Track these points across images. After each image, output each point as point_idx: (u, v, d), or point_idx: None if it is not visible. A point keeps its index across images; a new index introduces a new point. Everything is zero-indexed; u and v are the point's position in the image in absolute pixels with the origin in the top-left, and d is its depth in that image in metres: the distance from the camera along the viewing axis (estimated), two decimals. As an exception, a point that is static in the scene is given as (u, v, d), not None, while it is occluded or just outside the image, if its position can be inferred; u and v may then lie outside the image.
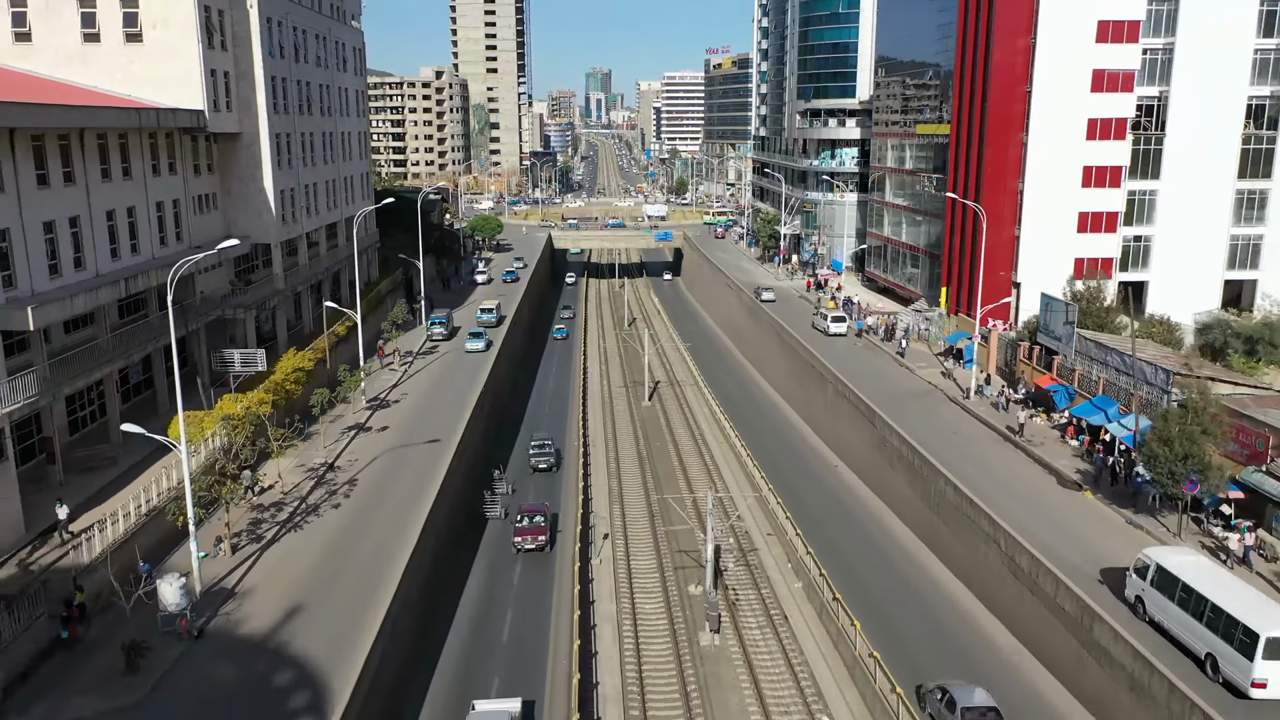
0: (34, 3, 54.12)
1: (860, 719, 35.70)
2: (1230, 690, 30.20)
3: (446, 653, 41.16)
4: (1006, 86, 74.66)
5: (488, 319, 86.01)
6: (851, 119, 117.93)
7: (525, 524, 51.19)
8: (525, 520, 51.49)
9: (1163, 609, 33.58)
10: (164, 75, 55.18)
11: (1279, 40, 72.74)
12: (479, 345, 77.10)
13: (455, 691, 37.86)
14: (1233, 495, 40.89)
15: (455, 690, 38.01)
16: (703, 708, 36.87)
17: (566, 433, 72.64)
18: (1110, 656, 33.68)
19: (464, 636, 42.66)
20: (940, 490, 48.42)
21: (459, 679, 38.98)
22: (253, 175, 63.19)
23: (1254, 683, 29.31)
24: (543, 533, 50.82)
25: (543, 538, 50.66)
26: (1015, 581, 40.19)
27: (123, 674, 31.17)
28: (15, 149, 40.45)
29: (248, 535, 41.93)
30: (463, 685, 38.27)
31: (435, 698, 37.76)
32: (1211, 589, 31.91)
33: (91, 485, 43.65)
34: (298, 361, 57.29)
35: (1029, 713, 34.99)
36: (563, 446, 67.83)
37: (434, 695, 37.93)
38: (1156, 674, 31.34)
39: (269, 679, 31.59)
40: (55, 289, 42.86)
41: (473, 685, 38.17)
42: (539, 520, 51.45)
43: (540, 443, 65.73)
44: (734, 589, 46.65)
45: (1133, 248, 76.60)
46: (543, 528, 51.03)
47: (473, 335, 78.43)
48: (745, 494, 59.39)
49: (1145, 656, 32.01)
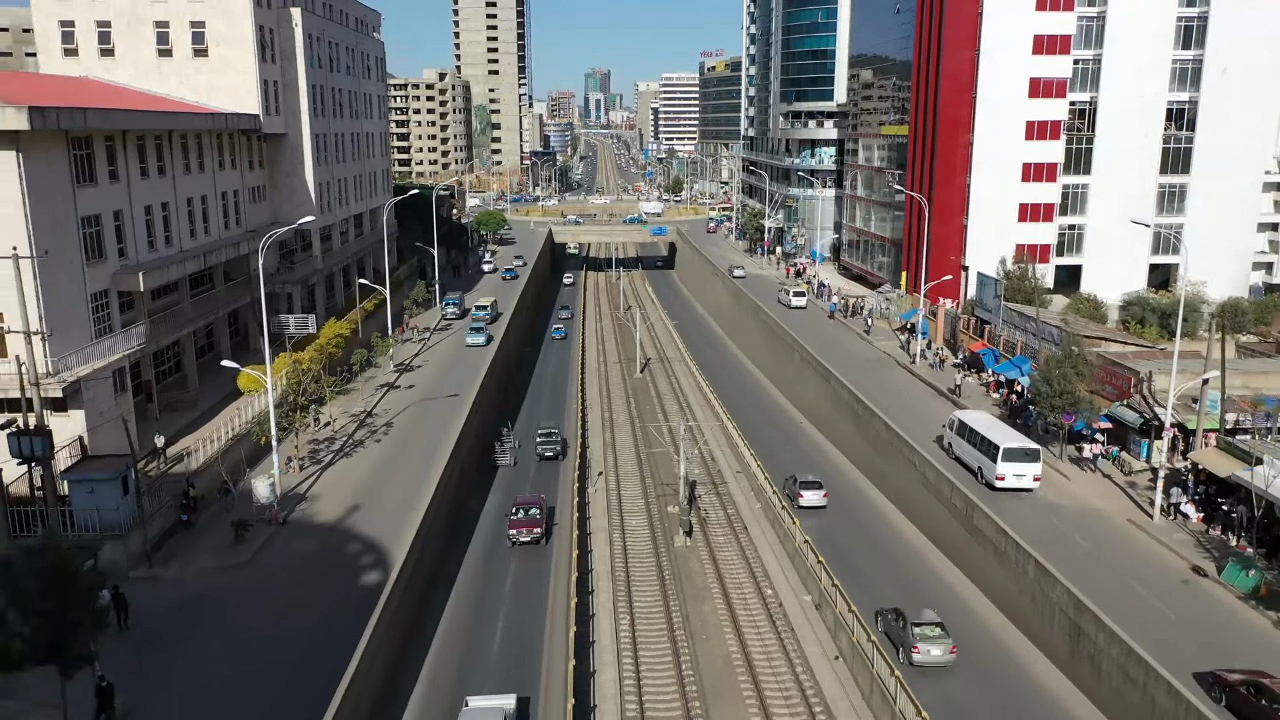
0: (117, 23, 64.07)
1: (794, 585, 45.77)
2: (988, 487, 47.36)
3: (437, 652, 39.61)
4: (955, 92, 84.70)
5: (483, 315, 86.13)
6: (829, 120, 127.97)
7: (520, 516, 49.86)
8: (520, 513, 50.10)
9: (958, 445, 51.33)
10: (226, 84, 65.17)
11: (1195, 52, 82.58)
12: (479, 340, 78.08)
13: (446, 691, 36.29)
14: (1102, 425, 50.88)
15: (446, 689, 36.38)
16: (675, 588, 46.80)
17: (567, 397, 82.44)
18: (977, 532, 43.68)
19: (457, 631, 41.52)
20: (876, 430, 58.35)
21: (451, 677, 37.42)
22: (296, 170, 73.17)
23: (997, 477, 46.98)
24: (538, 525, 49.58)
25: (538, 530, 49.52)
26: (925, 491, 50.18)
27: (232, 544, 41.15)
28: (126, 147, 50.42)
29: (309, 460, 51.80)
30: (455, 685, 36.62)
31: (428, 695, 36.17)
32: (983, 428, 49.38)
33: (178, 421, 53.67)
34: (338, 329, 67.22)
35: (930, 587, 44.80)
36: (565, 413, 76.73)
37: (426, 692, 36.32)
38: (946, 479, 47.65)
39: (340, 549, 41.58)
40: (154, 259, 52.83)
41: (465, 684, 36.58)
42: (534, 513, 49.98)
43: (546, 431, 66.18)
44: (704, 509, 56.64)
45: (1068, 235, 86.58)
46: (538, 520, 49.71)
47: (473, 330, 79.64)
48: (720, 441, 69.37)
49: (940, 470, 48.43)
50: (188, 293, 58.19)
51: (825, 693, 37.09)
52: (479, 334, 78.95)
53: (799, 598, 44.84)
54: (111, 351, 46.13)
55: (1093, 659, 34.12)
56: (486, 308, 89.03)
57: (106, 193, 48.59)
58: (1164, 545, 41.36)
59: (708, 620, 43.62)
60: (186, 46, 64.95)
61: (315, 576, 39.16)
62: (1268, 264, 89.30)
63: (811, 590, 44.50)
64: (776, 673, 38.83)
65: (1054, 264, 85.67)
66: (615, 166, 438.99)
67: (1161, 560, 40.34)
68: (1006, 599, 41.26)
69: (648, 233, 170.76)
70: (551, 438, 65.22)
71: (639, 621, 43.20)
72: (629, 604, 44.86)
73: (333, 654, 31.40)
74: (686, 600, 45.58)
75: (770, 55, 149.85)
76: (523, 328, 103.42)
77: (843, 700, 36.50)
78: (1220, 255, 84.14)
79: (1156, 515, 43.55)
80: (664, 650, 40.72)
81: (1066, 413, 49.65)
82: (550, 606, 43.63)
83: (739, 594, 45.94)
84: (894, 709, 32.93)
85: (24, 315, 37.47)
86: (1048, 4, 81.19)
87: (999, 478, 46.92)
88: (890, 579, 45.55)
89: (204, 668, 32.27)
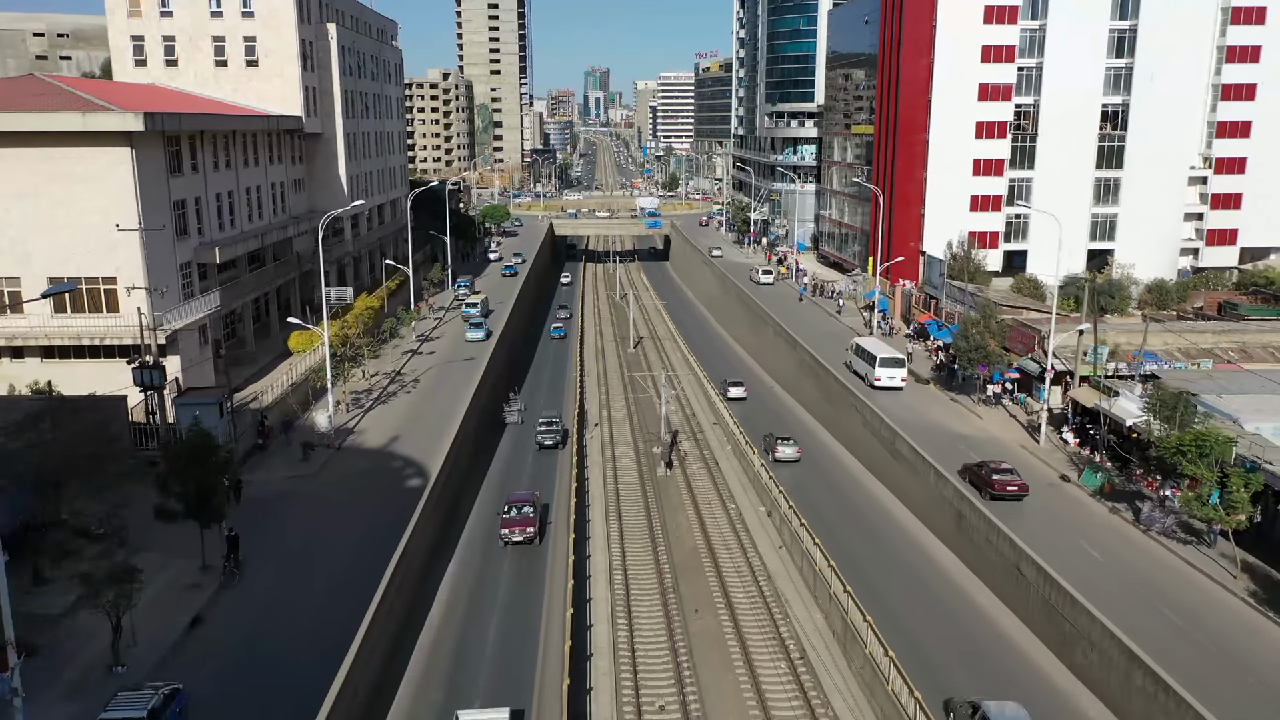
0: (181, 38, 74.47)
1: (753, 501, 56.44)
2: (871, 386, 64.33)
3: (426, 653, 38.20)
4: (913, 96, 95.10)
5: (474, 312, 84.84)
6: (810, 120, 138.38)
7: (513, 515, 47.67)
8: (513, 511, 47.93)
9: (855, 363, 69.15)
10: (273, 91, 75.61)
11: (1126, 60, 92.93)
12: (479, 335, 79.47)
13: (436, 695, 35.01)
14: (1011, 375, 61.39)
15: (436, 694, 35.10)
16: (656, 504, 57.34)
17: (567, 368, 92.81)
18: (899, 455, 54.14)
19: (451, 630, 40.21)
20: (831, 386, 68.80)
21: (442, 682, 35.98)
22: (330, 165, 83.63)
23: (875, 379, 64.75)
24: (531, 524, 47.25)
25: (531, 529, 47.13)
26: (864, 430, 60.71)
27: (300, 461, 51.65)
28: (203, 145, 60.88)
29: (353, 406, 62.27)
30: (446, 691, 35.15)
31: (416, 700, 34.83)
32: (871, 346, 67.28)
33: (242, 373, 64.10)
34: (369, 302, 77.71)
35: (858, 496, 55.23)
36: (564, 384, 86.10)
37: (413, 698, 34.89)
38: (841, 384, 63.16)
39: (387, 465, 52.14)
40: (224, 237, 63.31)
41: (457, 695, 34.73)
42: (527, 511, 47.97)
43: (548, 420, 66.04)
44: (684, 451, 67.13)
45: (1014, 223, 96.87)
46: (531, 519, 47.49)
47: (472, 325, 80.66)
48: (701, 401, 79.87)
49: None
50: (246, 268, 68.66)
51: (770, 570, 47.60)
52: (479, 329, 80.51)
53: (755, 510, 55.35)
54: (197, 311, 56.60)
55: (970, 535, 44.58)
56: (477, 305, 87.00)
57: (189, 181, 59.09)
58: (1043, 462, 51.92)
59: (680, 525, 54.21)
60: (240, 58, 75.36)
61: (369, 483, 49.69)
62: (1194, 249, 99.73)
63: (765, 504, 54.99)
64: (733, 558, 49.39)
65: (1002, 249, 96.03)
66: (614, 164, 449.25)
67: (1040, 472, 50.84)
68: (912, 498, 52.11)
69: (643, 226, 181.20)
70: (553, 427, 64.88)
71: (626, 532, 53.52)
72: (619, 522, 55.15)
73: (386, 530, 41.48)
74: (665, 511, 56.12)
75: (757, 59, 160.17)
76: (525, 313, 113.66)
77: (782, 576, 46.99)
78: (1151, 242, 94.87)
79: (1042, 440, 54.09)
80: (647, 559, 51.14)
81: (981, 364, 60.11)
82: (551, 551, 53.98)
83: (707, 508, 56.47)
84: (804, 548, 44.02)
85: (144, 276, 47.94)
86: (994, 18, 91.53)
87: (877, 379, 65.19)
88: (830, 499, 55.90)
89: (294, 533, 42.83)
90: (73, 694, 30.84)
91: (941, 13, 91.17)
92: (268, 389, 59.68)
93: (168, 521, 37.42)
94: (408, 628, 38.75)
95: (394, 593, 36.54)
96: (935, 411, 61.19)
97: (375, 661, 33.69)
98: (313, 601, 37.32)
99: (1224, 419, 45.45)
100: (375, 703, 33.22)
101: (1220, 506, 38.52)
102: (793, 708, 36.06)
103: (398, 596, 37.56)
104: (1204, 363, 58.56)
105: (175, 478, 36.89)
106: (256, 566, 39.95)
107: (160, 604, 36.29)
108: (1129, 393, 50.35)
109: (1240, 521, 38.30)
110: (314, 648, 32.97)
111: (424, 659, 37.08)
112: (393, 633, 36.75)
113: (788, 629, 41.71)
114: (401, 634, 37.90)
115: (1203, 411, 44.43)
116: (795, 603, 43.97)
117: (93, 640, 33.29)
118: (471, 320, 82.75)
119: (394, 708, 33.75)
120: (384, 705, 33.68)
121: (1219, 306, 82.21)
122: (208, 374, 58.20)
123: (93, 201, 50.45)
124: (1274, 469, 39.91)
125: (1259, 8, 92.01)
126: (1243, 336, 62.84)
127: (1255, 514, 39.27)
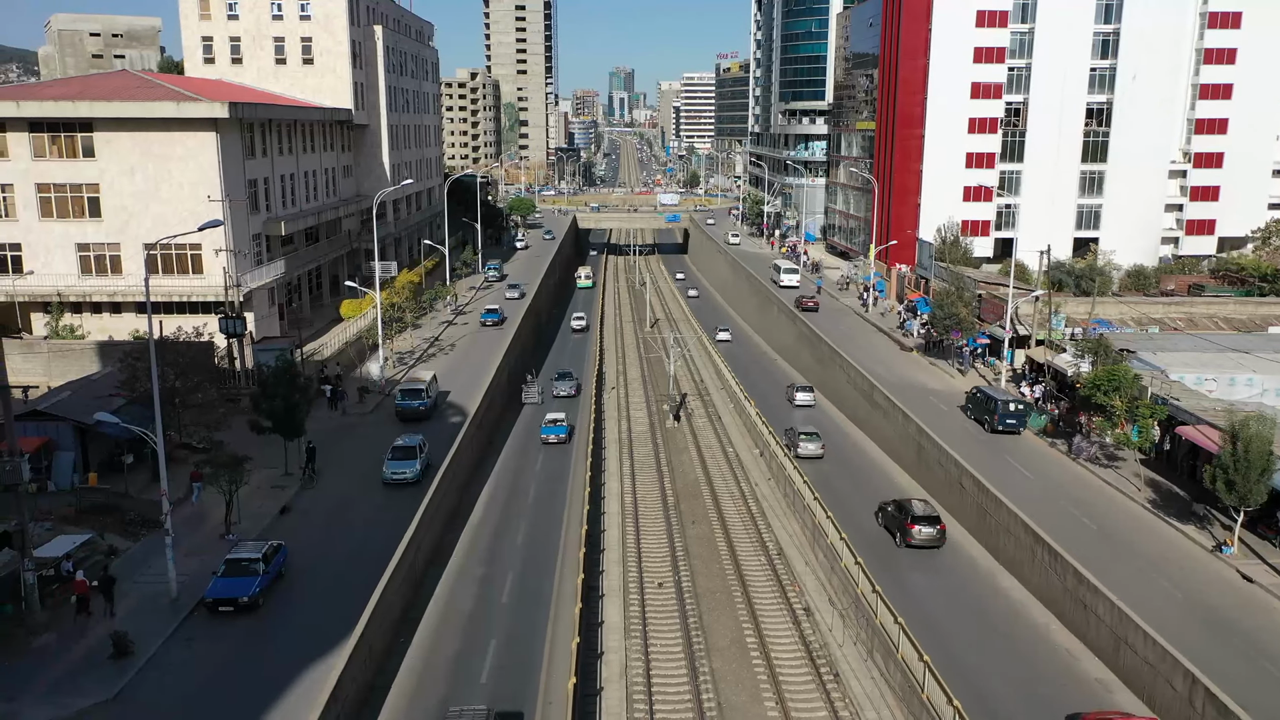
0: (245, 39, 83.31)
1: (748, 444, 64.35)
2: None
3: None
4: (910, 94, 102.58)
5: (493, 319, 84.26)
6: (821, 118, 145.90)
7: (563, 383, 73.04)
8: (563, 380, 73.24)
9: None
10: (326, 86, 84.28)
11: (1110, 61, 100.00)
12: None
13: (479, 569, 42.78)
14: (981, 341, 68.96)
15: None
16: (664, 448, 65.40)
17: (588, 342, 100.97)
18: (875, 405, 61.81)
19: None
20: (824, 352, 76.58)
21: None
22: (375, 154, 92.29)
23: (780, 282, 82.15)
24: (575, 388, 73.09)
25: (574, 390, 73.17)
26: (848, 387, 68.50)
27: (357, 403, 60.11)
28: (270, 132, 69.58)
29: (399, 363, 70.72)
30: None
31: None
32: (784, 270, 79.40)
33: (301, 334, 72.69)
34: (410, 277, 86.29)
35: (838, 437, 63.01)
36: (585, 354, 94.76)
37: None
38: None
39: (434, 402, 60.50)
40: (288, 214, 72.01)
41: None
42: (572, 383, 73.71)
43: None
44: (691, 409, 75.16)
45: (1004, 213, 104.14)
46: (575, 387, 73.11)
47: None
48: (709, 369, 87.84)
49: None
50: (304, 243, 77.35)
51: (760, 495, 55.57)
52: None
53: (750, 451, 63.32)
54: (268, 275, 65.26)
55: (929, 466, 52.34)
56: (496, 310, 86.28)
57: (260, 164, 67.77)
58: (1001, 410, 59.48)
59: (684, 462, 62.24)
60: (298, 56, 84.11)
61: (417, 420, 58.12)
62: (1175, 239, 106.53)
63: (759, 445, 62.94)
64: (728, 485, 57.42)
65: (993, 236, 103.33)
66: (637, 162, 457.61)
67: (996, 419, 58.43)
68: (887, 441, 59.79)
69: (663, 220, 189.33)
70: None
71: (637, 467, 61.57)
72: (631, 463, 63.12)
73: (434, 454, 49.89)
74: (671, 453, 64.20)
75: (772, 59, 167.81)
76: (551, 289, 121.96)
77: (768, 499, 54.97)
78: (1134, 231, 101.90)
79: (1002, 393, 61.64)
80: (654, 485, 59.18)
81: (954, 330, 67.73)
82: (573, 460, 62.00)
83: (709, 451, 64.51)
84: (786, 475, 51.89)
85: (228, 241, 56.54)
86: (986, 21, 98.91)
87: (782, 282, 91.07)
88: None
89: (356, 452, 51.28)
90: (192, 553, 39.31)
91: (937, 16, 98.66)
92: (326, 345, 68.26)
93: (258, 434, 45.90)
94: (456, 515, 47.24)
95: (439, 498, 44.98)
96: (914, 372, 68.83)
97: (429, 540, 42.07)
98: (372, 501, 45.71)
99: (1153, 370, 52.95)
100: (419, 589, 41.58)
101: (1129, 434, 46.09)
102: (769, 589, 44.03)
103: (444, 501, 45.96)
104: (1152, 329, 65.90)
105: (266, 398, 45.33)
106: (329, 476, 48.38)
107: (255, 498, 44.76)
108: (1073, 348, 57.88)
109: (1144, 443, 45.85)
110: (375, 532, 41.37)
111: (469, 540, 45.49)
112: (443, 521, 45.20)
113: (769, 537, 49.68)
114: (453, 520, 46.42)
115: (1137, 366, 51.91)
116: (774, 515, 51.98)
117: (205, 520, 41.85)
118: (487, 307, 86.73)
119: (440, 582, 42.09)
120: (433, 579, 42.03)
121: (1189, 288, 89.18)
122: (275, 329, 66.81)
123: (185, 176, 59.21)
124: (1179, 404, 47.40)
125: (1235, 12, 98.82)
126: (1191, 309, 70.17)
127: (1156, 438, 46.80)
